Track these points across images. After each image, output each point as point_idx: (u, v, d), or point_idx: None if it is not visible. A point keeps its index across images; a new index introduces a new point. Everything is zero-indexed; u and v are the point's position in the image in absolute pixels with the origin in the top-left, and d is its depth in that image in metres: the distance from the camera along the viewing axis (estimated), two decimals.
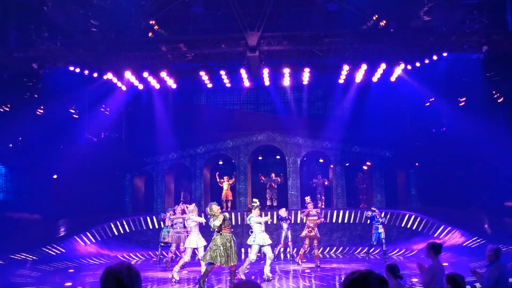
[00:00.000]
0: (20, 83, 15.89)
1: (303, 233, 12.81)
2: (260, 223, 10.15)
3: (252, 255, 10.02)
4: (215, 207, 9.23)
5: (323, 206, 17.59)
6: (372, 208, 13.91)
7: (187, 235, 11.35)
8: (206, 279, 9.20)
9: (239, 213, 16.73)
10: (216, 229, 9.21)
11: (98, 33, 13.53)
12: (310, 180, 18.88)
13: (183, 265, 10.94)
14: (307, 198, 13.56)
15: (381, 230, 13.49)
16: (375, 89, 17.70)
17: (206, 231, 12.07)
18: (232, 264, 8.98)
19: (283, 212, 13.87)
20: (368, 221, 14.15)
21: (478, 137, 15.09)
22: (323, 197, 18.34)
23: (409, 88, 18.09)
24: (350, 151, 19.05)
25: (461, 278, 4.63)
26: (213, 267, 9.14)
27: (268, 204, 18.01)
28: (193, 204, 11.15)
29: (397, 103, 18.68)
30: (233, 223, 15.62)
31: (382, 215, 13.83)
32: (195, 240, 10.36)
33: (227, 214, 9.41)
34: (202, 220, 10.65)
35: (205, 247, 10.13)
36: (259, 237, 10.05)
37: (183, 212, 12.13)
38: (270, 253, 10.25)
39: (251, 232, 10.29)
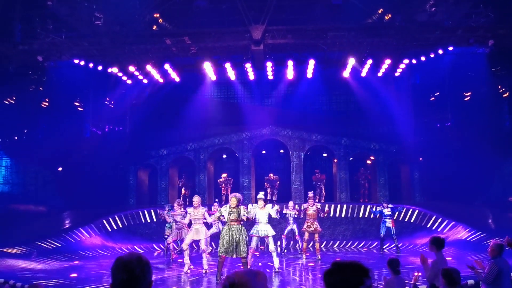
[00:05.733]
0: (25, 76, 15.95)
1: (303, 228, 12.98)
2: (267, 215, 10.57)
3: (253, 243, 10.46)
4: (234, 200, 9.27)
5: (323, 201, 17.54)
6: (383, 203, 14.12)
7: (188, 230, 11.37)
8: (220, 272, 9.19)
9: (242, 206, 16.73)
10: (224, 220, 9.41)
11: (103, 26, 13.50)
12: (313, 174, 18.81)
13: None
14: (310, 194, 13.66)
15: (389, 224, 13.56)
16: (379, 83, 17.62)
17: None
18: (242, 255, 9.03)
19: (290, 207, 13.89)
20: (372, 215, 14.20)
21: (483, 132, 15.04)
22: (323, 192, 18.23)
23: (414, 82, 17.97)
24: (353, 145, 19.01)
25: (457, 272, 4.60)
26: (222, 258, 9.19)
27: (268, 198, 17.98)
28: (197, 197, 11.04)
29: (401, 97, 18.60)
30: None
31: (390, 207, 13.86)
32: (204, 230, 10.52)
33: (242, 207, 9.42)
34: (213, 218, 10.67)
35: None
36: (260, 228, 10.45)
37: (185, 207, 12.11)
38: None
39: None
